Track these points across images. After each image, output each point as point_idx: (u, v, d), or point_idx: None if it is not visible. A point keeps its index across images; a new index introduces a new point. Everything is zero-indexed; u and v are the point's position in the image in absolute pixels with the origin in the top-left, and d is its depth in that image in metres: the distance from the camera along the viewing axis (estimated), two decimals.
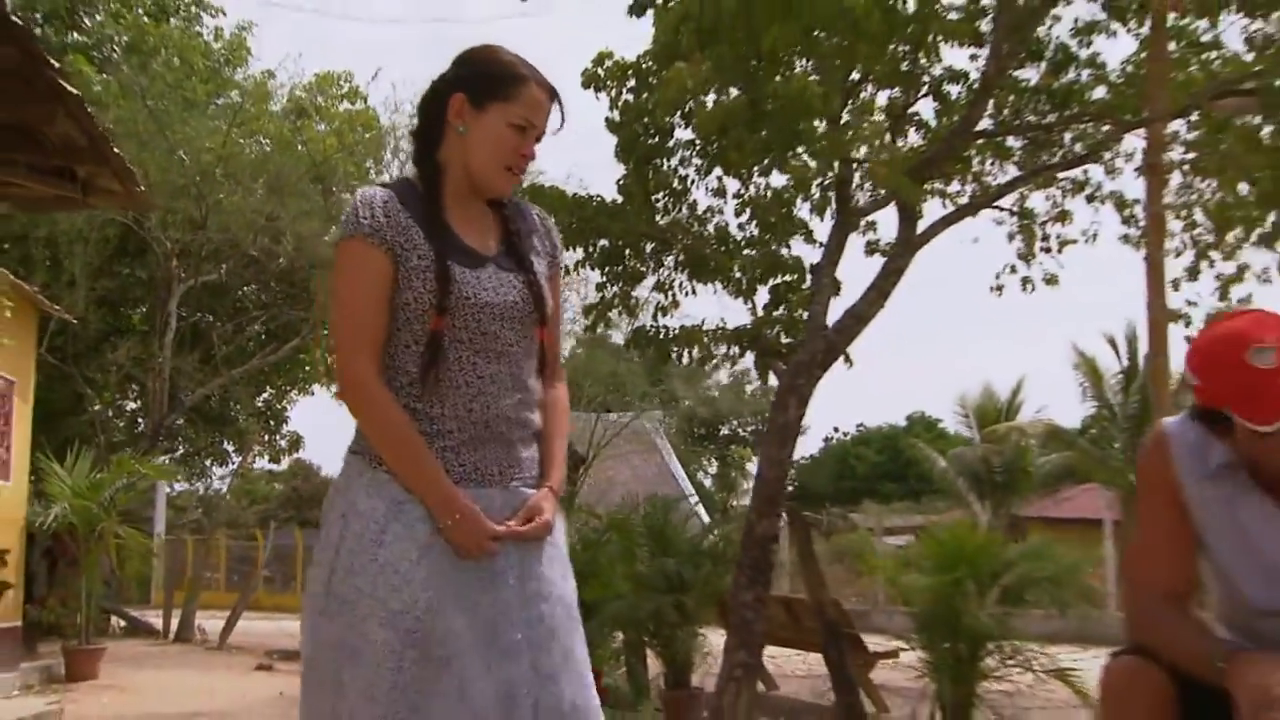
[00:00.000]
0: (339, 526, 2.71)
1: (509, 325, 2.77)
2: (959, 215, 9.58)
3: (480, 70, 2.83)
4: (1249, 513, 2.70)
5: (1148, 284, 8.15)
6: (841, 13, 7.37)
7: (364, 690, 2.57)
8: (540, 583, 2.73)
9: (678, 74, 7.96)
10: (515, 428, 2.79)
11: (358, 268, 2.71)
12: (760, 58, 7.58)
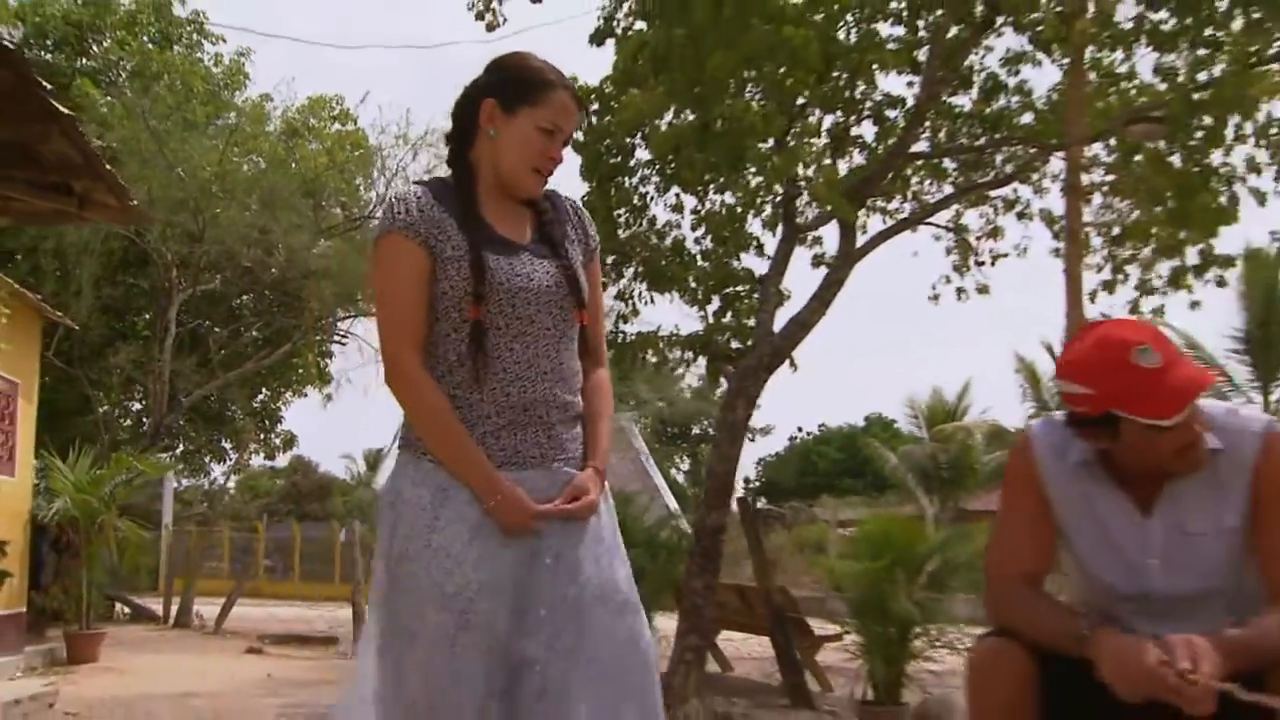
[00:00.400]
0: (391, 516, 2.68)
1: (545, 310, 2.72)
2: (895, 230, 9.65)
3: (511, 76, 2.80)
4: (1106, 507, 2.73)
5: (1066, 295, 8.23)
6: (780, 43, 7.42)
7: (421, 672, 2.55)
8: (575, 565, 2.66)
9: (633, 99, 8.00)
10: (554, 410, 2.72)
11: (396, 261, 2.69)
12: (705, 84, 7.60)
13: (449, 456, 2.63)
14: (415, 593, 2.58)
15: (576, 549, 2.67)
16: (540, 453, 2.69)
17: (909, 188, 10.94)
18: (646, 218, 10.29)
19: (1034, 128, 10.13)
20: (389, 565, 2.65)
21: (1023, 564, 2.79)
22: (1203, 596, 2.68)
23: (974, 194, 10.75)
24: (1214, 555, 2.66)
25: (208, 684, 10.70)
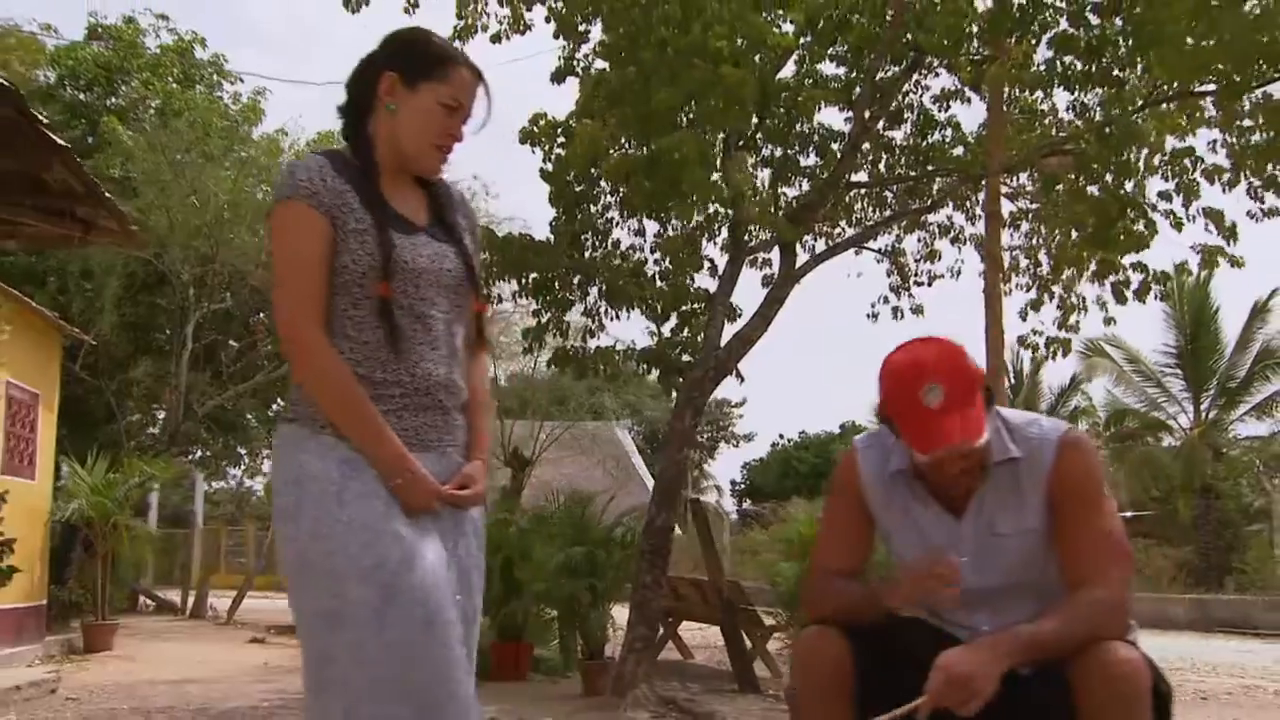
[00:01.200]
0: (294, 494, 2.36)
1: (444, 293, 2.49)
2: (831, 253, 9.58)
3: (413, 50, 2.54)
4: (921, 512, 2.72)
5: (986, 313, 8.17)
6: (717, 81, 7.38)
7: (353, 654, 2.26)
8: (468, 551, 2.49)
9: (585, 130, 7.95)
10: (450, 395, 2.50)
11: (298, 229, 2.39)
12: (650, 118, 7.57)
13: (357, 430, 2.36)
14: (332, 571, 2.29)
15: (466, 536, 2.50)
16: (437, 435, 2.48)
17: (852, 213, 10.91)
18: (610, 241, 10.24)
19: (963, 159, 10.10)
20: (299, 547, 2.34)
21: (839, 561, 2.79)
22: (1011, 589, 2.65)
23: (907, 220, 10.70)
24: (1018, 554, 2.65)
25: (206, 671, 10.62)
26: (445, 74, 2.50)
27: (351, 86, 2.57)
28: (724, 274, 9.25)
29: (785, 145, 9.59)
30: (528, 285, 9.39)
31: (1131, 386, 25.67)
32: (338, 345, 2.41)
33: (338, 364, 2.38)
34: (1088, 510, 2.59)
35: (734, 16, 7.82)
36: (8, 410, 11.64)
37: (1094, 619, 2.47)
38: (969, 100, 10.35)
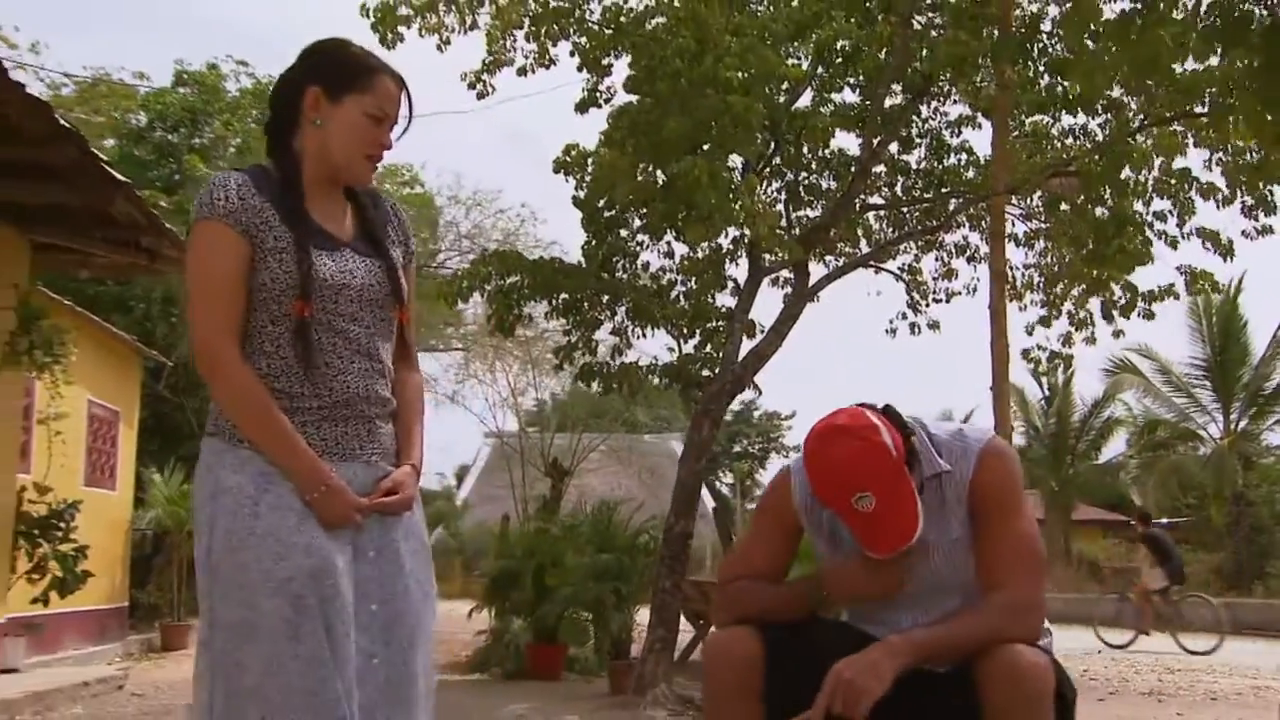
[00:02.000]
0: (209, 508, 2.30)
1: (367, 307, 2.39)
2: (841, 272, 9.47)
3: (334, 63, 2.43)
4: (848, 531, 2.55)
5: (991, 327, 7.99)
6: (726, 109, 7.32)
7: (267, 664, 2.19)
8: (398, 558, 2.38)
9: (603, 158, 7.94)
10: (374, 405, 2.41)
11: (214, 248, 2.30)
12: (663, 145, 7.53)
13: (271, 446, 2.28)
14: (245, 584, 2.21)
15: (396, 543, 2.39)
16: (360, 445, 2.39)
17: (871, 234, 10.78)
18: (639, 263, 10.19)
19: (975, 182, 9.93)
20: (212, 559, 2.27)
21: (755, 567, 2.68)
22: (937, 593, 2.55)
23: (919, 240, 10.54)
24: (944, 562, 2.54)
25: None
26: (369, 84, 2.41)
27: (275, 102, 2.48)
28: (743, 292, 9.17)
29: (799, 170, 9.49)
30: (558, 306, 9.37)
31: (1159, 398, 25.10)
32: (255, 361, 2.34)
33: (250, 380, 2.31)
34: (1004, 515, 2.49)
35: (744, 50, 7.78)
36: (90, 426, 11.89)
37: (998, 621, 2.38)
38: (980, 125, 10.20)
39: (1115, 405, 27.69)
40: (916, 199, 10.30)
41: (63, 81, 19.80)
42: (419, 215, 18.80)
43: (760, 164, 9.24)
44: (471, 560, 26.37)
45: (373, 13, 8.31)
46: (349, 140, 2.40)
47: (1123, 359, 24.65)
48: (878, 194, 10.40)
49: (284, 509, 2.26)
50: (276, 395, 2.32)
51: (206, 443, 2.37)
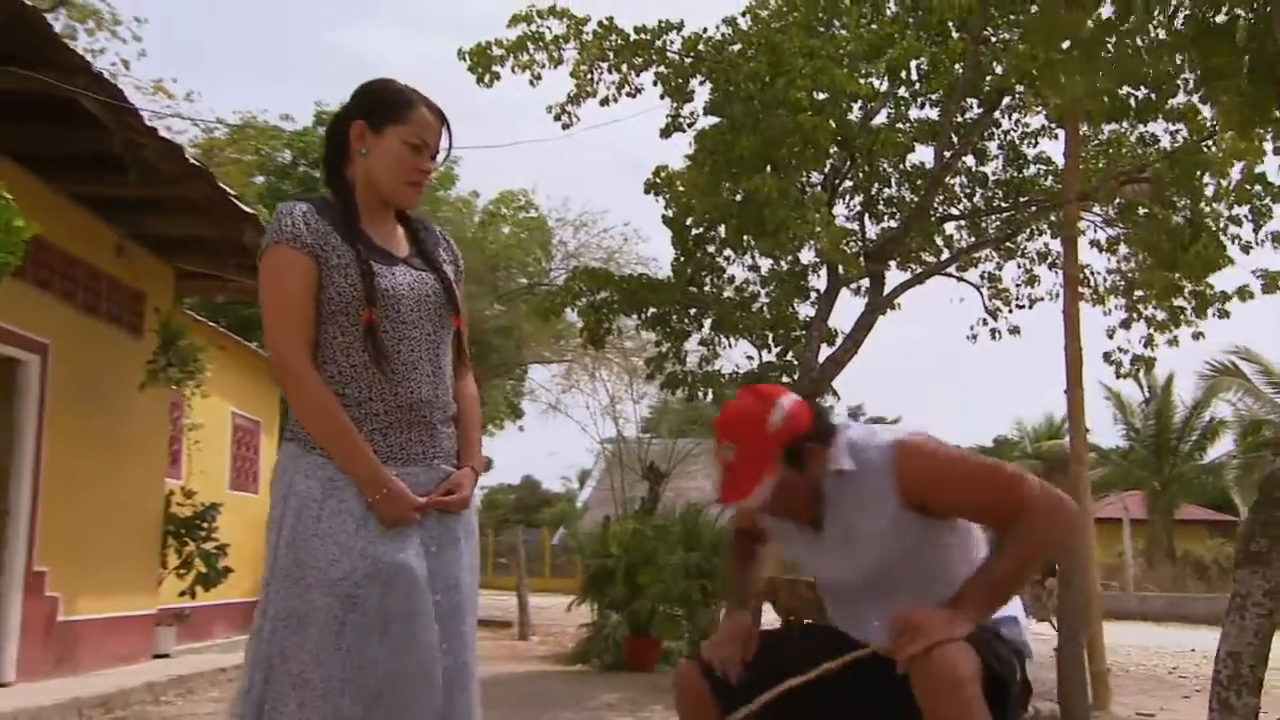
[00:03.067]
0: (280, 508, 2.38)
1: (426, 316, 2.46)
2: (915, 282, 9.24)
3: (376, 98, 2.52)
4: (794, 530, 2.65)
5: (1065, 332, 7.68)
6: (796, 128, 7.22)
7: (313, 655, 2.27)
8: (458, 553, 2.45)
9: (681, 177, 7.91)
10: (435, 410, 2.46)
11: (284, 271, 2.39)
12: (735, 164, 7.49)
13: (338, 451, 2.35)
14: (303, 579, 2.30)
15: (456, 540, 2.46)
16: (423, 450, 2.44)
17: (952, 244, 10.49)
18: (725, 277, 10.12)
19: (1053, 190, 9.59)
20: (279, 554, 2.35)
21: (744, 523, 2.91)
22: (884, 577, 2.53)
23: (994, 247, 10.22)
24: (874, 553, 2.52)
25: None
26: (407, 115, 2.48)
27: (328, 138, 2.57)
28: (820, 301, 9.03)
29: (875, 184, 9.31)
30: (647, 318, 9.37)
31: (1262, 399, 23.82)
32: (326, 370, 2.41)
33: (322, 391, 2.38)
34: (955, 488, 2.45)
35: (816, 71, 7.67)
36: (234, 436, 12.39)
37: (1035, 536, 2.36)
38: (1057, 135, 9.86)
39: (1219, 406, 26.44)
40: (993, 209, 9.99)
41: (215, 125, 20.73)
42: (531, 237, 19.06)
43: (837, 179, 9.10)
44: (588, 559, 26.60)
45: (469, 55, 8.46)
46: (391, 167, 2.47)
47: (1223, 362, 23.52)
48: (957, 205, 10.12)
49: (345, 514, 2.33)
50: (345, 402, 2.38)
51: (284, 447, 2.46)
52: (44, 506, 7.44)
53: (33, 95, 6.08)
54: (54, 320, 7.55)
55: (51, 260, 7.53)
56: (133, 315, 8.73)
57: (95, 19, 15.76)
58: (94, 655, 8.01)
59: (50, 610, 7.58)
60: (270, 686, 2.30)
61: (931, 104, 9.61)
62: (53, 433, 7.53)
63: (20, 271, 7.15)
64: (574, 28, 8.65)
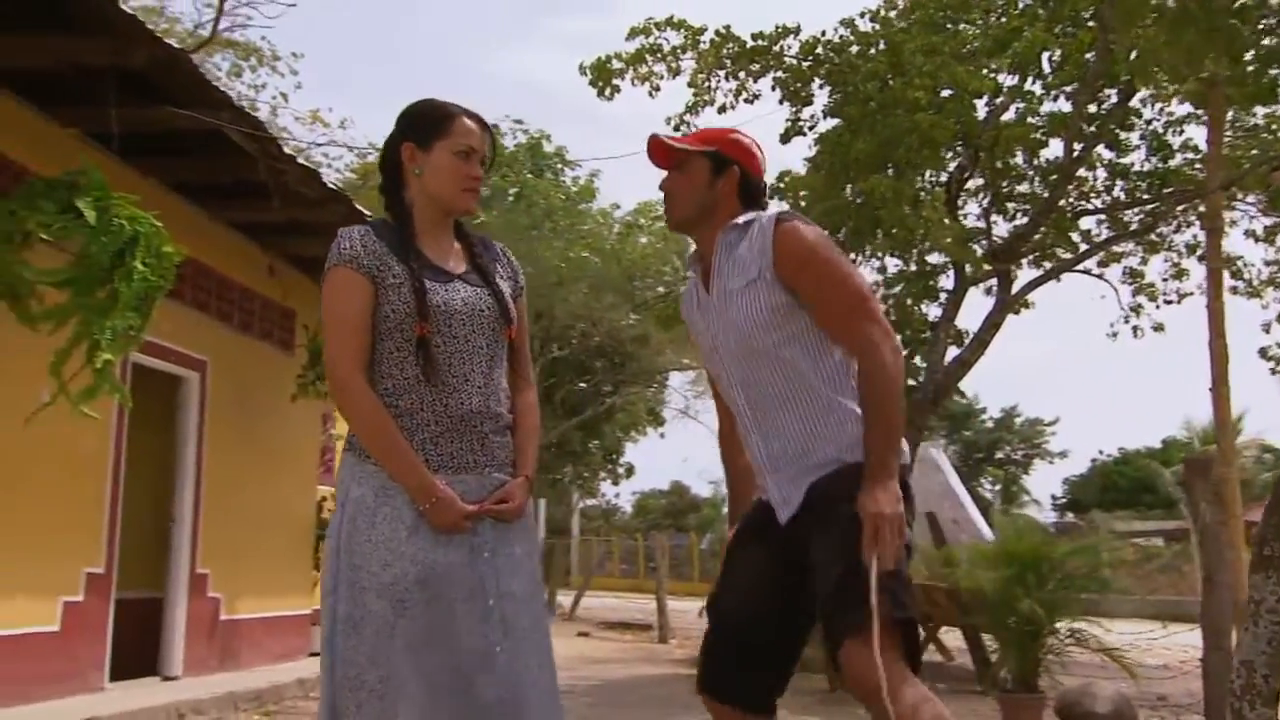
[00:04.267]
0: (338, 515, 2.47)
1: (479, 330, 2.52)
2: (1044, 279, 8.87)
3: (419, 119, 2.61)
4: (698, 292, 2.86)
5: (1209, 326, 7.27)
6: (913, 127, 7.07)
7: (368, 656, 2.34)
8: (512, 559, 2.50)
9: (797, 180, 7.84)
10: (487, 421, 2.51)
11: (341, 291, 2.48)
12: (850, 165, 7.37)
13: (389, 462, 2.42)
14: (357, 583, 2.38)
15: (509, 546, 2.51)
16: (474, 459, 2.49)
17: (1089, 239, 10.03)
18: None
19: (1199, 178, 9.06)
20: (336, 559, 2.43)
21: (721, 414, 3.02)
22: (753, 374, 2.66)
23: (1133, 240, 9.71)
24: (745, 305, 2.63)
25: None
26: (449, 128, 2.57)
27: (382, 165, 2.66)
28: (947, 301, 8.79)
29: (999, 180, 8.99)
30: None
31: None
32: (382, 383, 2.48)
33: (373, 404, 2.44)
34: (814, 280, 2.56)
35: (936, 69, 7.50)
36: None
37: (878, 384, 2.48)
38: (1204, 121, 9.31)
39: None
40: (1135, 201, 9.50)
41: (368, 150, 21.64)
42: (666, 247, 19.18)
43: (964, 177, 8.84)
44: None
45: (589, 70, 8.61)
46: (445, 179, 2.56)
47: None
48: (1096, 198, 9.67)
49: (397, 521, 2.40)
50: (398, 413, 2.45)
51: (344, 457, 2.53)
52: (205, 513, 7.93)
53: (186, 130, 6.47)
54: (211, 339, 8.04)
55: (208, 283, 8.03)
56: (284, 332, 9.21)
57: (256, 56, 16.68)
58: (253, 653, 8.47)
59: (213, 610, 8.06)
60: (336, 689, 2.38)
61: (1066, 96, 9.24)
62: (212, 444, 8.02)
63: (179, 294, 7.71)
64: (691, 38, 8.69)
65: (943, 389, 8.28)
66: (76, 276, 5.28)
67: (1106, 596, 7.12)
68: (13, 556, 5.94)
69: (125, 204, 5.43)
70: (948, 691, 8.79)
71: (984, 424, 48.46)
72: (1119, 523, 27.44)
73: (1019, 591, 6.51)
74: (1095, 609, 7.24)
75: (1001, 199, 9.21)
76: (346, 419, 2.50)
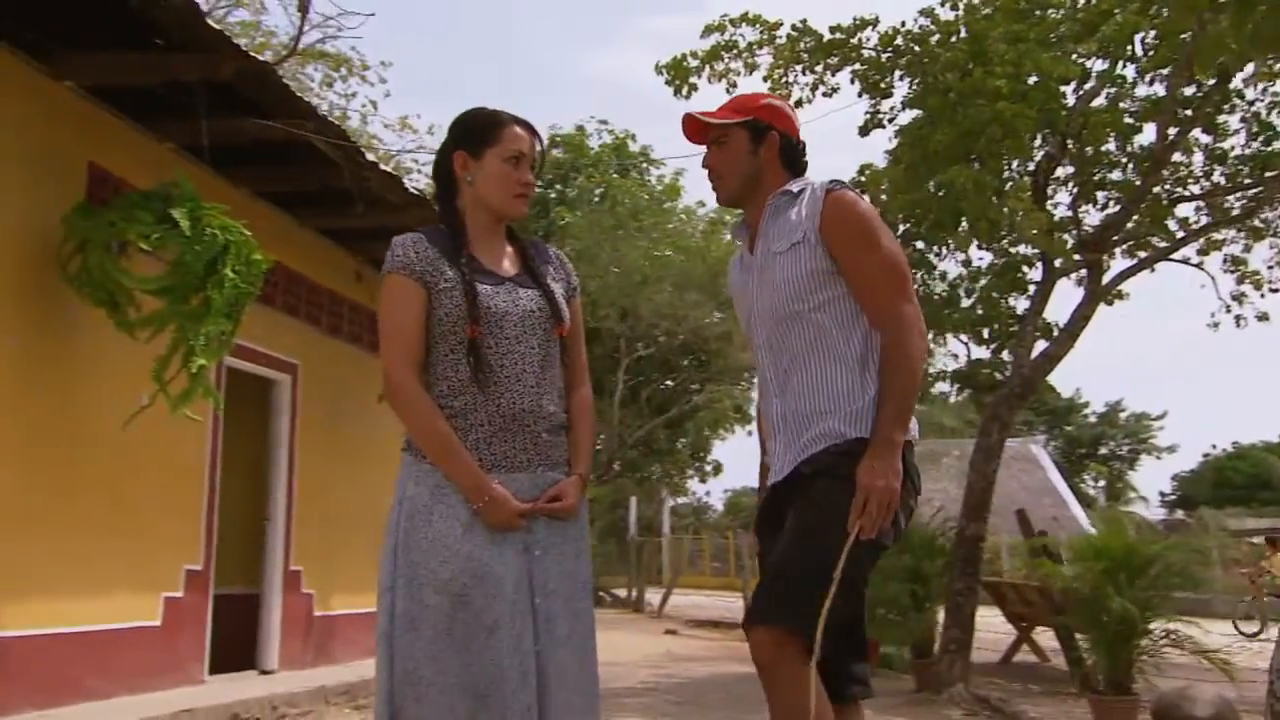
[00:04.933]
0: (396, 513, 2.52)
1: (530, 331, 2.57)
2: (1136, 269, 8.59)
3: (469, 128, 2.68)
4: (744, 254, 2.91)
5: None
6: (994, 117, 6.94)
7: (425, 651, 2.40)
8: (561, 558, 2.55)
9: (875, 175, 7.75)
10: (540, 420, 2.56)
11: (396, 297, 2.56)
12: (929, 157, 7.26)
13: (443, 462, 2.48)
14: (415, 580, 2.43)
15: (560, 544, 2.55)
16: (527, 458, 2.54)
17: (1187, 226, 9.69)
18: (935, 273, 9.77)
19: None
20: (393, 557, 2.48)
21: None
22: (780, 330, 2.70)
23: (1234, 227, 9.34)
24: (789, 268, 2.67)
25: (616, 655, 11.15)
26: (498, 135, 2.63)
27: (436, 175, 2.73)
28: (1035, 293, 8.59)
29: (1090, 168, 8.73)
30: None
31: None
32: (438, 386, 2.54)
33: (427, 406, 2.50)
34: (858, 250, 2.60)
35: (1019, 56, 7.35)
36: None
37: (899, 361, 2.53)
38: None
39: None
40: (1236, 186, 9.15)
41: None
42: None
43: (1052, 165, 8.63)
44: None
45: (665, 69, 8.64)
46: (496, 185, 2.62)
47: None
48: (1194, 184, 9.35)
49: (453, 519, 2.45)
50: (452, 414, 2.51)
51: (402, 457, 2.59)
52: (297, 512, 8.19)
53: (274, 140, 6.70)
54: (302, 342, 8.29)
55: (298, 288, 8.29)
56: (371, 335, 9.44)
57: (347, 66, 17.12)
58: (345, 648, 8.71)
59: (307, 606, 8.32)
60: (394, 683, 2.43)
61: (1161, 80, 8.94)
62: (303, 445, 8.28)
63: (271, 299, 8.00)
64: (767, 33, 8.66)
65: (1029, 383, 8.09)
66: (172, 284, 5.52)
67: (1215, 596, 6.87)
68: (117, 554, 6.23)
69: (216, 213, 5.66)
70: (1042, 693, 8.62)
71: (1087, 419, 47.29)
72: (1231, 520, 26.41)
73: (1110, 589, 6.33)
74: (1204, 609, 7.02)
75: (1091, 187, 8.95)
76: (401, 420, 2.55)
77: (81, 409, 5.88)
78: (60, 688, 5.76)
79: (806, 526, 2.49)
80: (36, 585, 5.62)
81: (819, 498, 2.50)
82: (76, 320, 5.73)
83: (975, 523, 7.94)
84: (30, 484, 5.59)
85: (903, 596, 8.32)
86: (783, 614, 2.44)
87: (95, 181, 6.09)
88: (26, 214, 5.56)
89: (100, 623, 6.12)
